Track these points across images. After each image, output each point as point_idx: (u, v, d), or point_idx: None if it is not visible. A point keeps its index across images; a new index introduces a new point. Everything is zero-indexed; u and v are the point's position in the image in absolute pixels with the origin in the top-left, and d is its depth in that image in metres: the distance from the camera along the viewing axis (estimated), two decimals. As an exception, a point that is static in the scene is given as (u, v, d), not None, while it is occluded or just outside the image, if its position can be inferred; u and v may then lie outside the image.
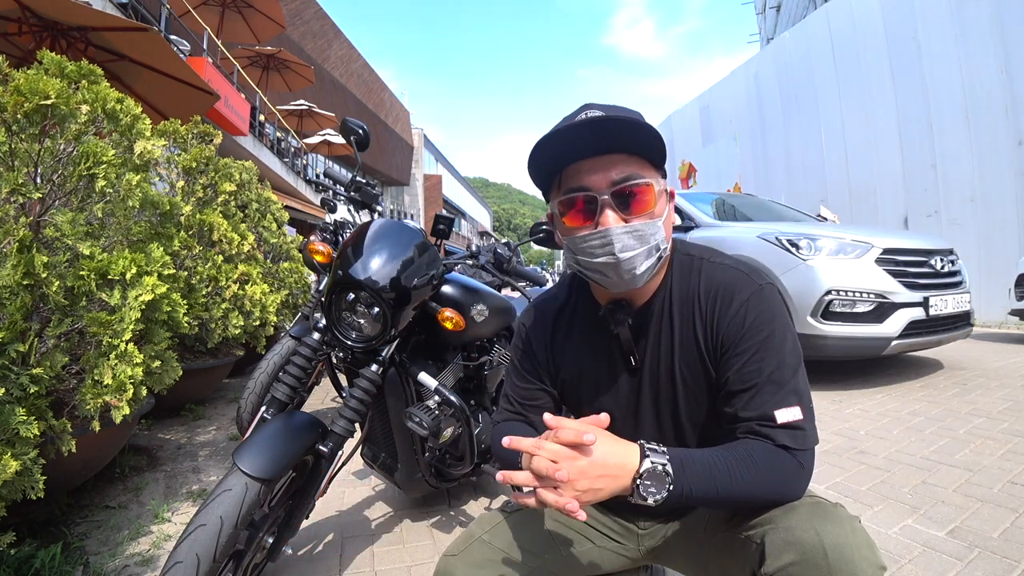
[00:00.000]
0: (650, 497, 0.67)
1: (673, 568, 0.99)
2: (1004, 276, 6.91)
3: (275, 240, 3.87)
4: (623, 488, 0.67)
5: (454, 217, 1.86)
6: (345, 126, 1.78)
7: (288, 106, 15.13)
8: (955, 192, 8.44)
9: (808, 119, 11.20)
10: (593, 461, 0.66)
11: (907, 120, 9.11)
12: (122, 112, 1.82)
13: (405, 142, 31.72)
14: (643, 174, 0.77)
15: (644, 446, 0.69)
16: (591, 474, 0.65)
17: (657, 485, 0.67)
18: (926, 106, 8.74)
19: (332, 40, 22.39)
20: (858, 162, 10.17)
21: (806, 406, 0.74)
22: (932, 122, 8.67)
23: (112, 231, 1.82)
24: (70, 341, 1.64)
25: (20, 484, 1.35)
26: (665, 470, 0.67)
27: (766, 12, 20.05)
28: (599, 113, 0.75)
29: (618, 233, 0.76)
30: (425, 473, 1.65)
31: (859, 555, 0.63)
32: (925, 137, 8.81)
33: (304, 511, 1.39)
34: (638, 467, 0.67)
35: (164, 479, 2.21)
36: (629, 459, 0.68)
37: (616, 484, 0.67)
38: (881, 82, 9.45)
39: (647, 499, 0.67)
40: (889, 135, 9.46)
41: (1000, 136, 7.78)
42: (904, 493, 1.89)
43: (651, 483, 0.67)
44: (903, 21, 8.98)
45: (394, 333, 1.37)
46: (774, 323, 0.77)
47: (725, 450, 0.72)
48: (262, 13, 11.30)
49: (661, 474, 0.67)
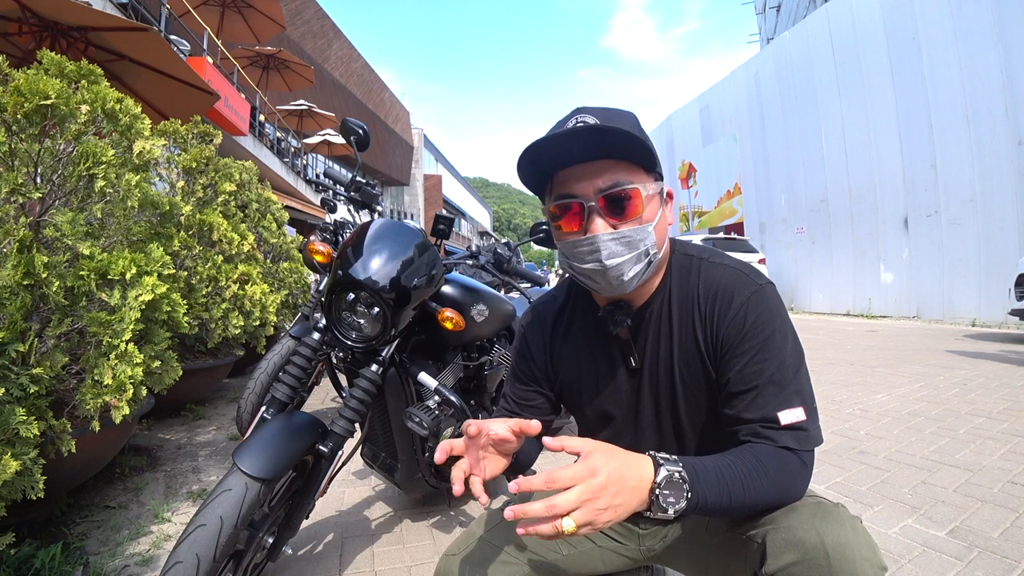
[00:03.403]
0: (670, 508, 0.64)
1: (674, 568, 0.99)
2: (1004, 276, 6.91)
3: (275, 240, 3.87)
4: (641, 502, 0.65)
5: (454, 217, 1.86)
6: (345, 126, 1.78)
7: (288, 106, 15.13)
8: (955, 192, 8.44)
9: (808, 119, 11.20)
10: (612, 475, 0.63)
11: (907, 120, 9.11)
12: (121, 112, 1.82)
13: (405, 142, 31.73)
14: (631, 180, 0.76)
15: (655, 456, 0.67)
16: (611, 490, 0.62)
17: (675, 494, 0.65)
18: (926, 106, 8.74)
19: (332, 40, 22.40)
20: (858, 162, 10.17)
21: (809, 406, 0.74)
22: (932, 122, 8.67)
23: (112, 231, 1.82)
24: (70, 341, 1.64)
25: (20, 484, 1.35)
26: (681, 477, 0.65)
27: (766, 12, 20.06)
28: (590, 119, 0.75)
29: (605, 240, 0.76)
30: (425, 473, 1.65)
31: (860, 555, 0.63)
32: (925, 137, 8.81)
33: (304, 511, 1.39)
34: (654, 477, 0.65)
35: (164, 479, 2.21)
36: (644, 470, 0.65)
37: (635, 498, 0.64)
38: (881, 82, 9.45)
39: (667, 510, 0.64)
40: (889, 135, 9.46)
41: (1000, 136, 7.78)
42: (904, 493, 1.89)
43: (669, 492, 0.65)
44: (903, 21, 8.98)
45: (394, 333, 1.36)
46: (774, 323, 0.77)
47: (734, 457, 0.71)
48: (262, 13, 11.30)
49: (678, 482, 0.65)
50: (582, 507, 0.60)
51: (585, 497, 0.60)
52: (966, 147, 8.10)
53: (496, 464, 0.78)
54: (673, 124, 16.55)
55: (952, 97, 8.25)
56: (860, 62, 9.83)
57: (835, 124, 10.47)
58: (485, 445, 0.76)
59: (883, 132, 9.45)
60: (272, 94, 13.77)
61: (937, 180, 8.59)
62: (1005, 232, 7.69)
